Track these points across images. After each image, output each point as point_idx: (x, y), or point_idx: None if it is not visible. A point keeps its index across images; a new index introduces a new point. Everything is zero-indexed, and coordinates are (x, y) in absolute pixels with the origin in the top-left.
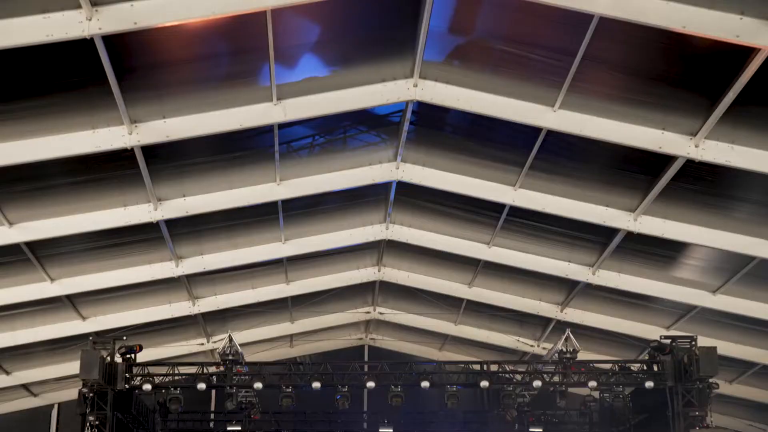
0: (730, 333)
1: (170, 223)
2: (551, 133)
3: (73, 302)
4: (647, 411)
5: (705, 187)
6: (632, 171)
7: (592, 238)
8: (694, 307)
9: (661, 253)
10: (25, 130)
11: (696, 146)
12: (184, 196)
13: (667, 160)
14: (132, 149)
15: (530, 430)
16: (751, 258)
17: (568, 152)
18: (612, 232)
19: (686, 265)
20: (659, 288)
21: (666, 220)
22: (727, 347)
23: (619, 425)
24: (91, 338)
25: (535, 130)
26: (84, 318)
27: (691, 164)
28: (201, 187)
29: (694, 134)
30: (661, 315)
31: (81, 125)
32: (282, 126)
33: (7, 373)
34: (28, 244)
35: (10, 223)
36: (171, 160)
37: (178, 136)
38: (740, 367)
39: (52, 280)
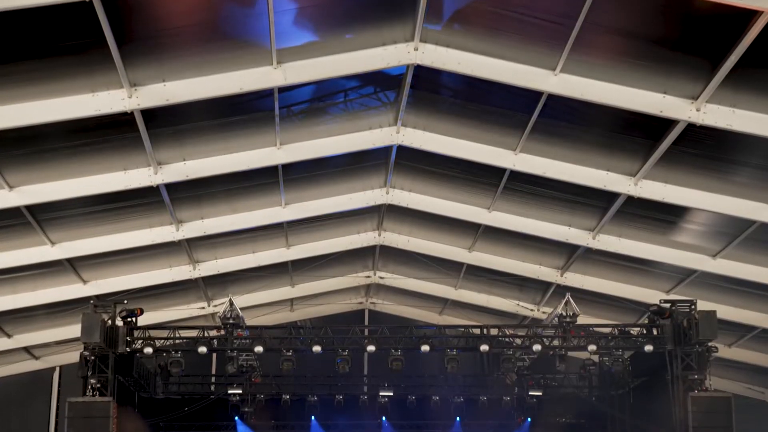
0: (730, 297)
1: (170, 187)
2: (552, 97)
3: (73, 266)
4: (646, 374)
5: (706, 151)
6: (633, 135)
7: (592, 202)
8: (694, 271)
9: (661, 217)
10: (24, 93)
11: (697, 110)
12: (184, 160)
13: (668, 124)
14: (132, 113)
15: (530, 393)
16: (752, 222)
17: (569, 116)
18: (612, 196)
19: (686, 229)
20: (659, 252)
21: (667, 184)
22: (726, 311)
23: (618, 389)
24: (92, 302)
25: (536, 94)
26: (85, 281)
27: (692, 128)
28: (201, 151)
29: (695, 98)
30: (661, 279)
31: (80, 88)
32: (282, 90)
33: (9, 336)
34: (29, 207)
35: (10, 187)
36: (171, 124)
37: (178, 99)
38: (739, 331)
39: (52, 243)
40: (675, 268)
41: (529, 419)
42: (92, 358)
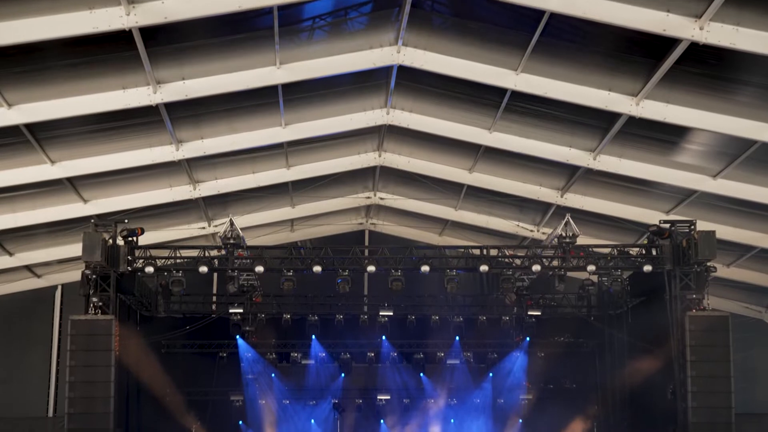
0: (729, 217)
1: (170, 106)
2: (554, 16)
3: (73, 185)
4: (645, 294)
5: (708, 70)
6: (635, 55)
7: (593, 123)
8: (694, 191)
9: (662, 137)
10: (21, 10)
11: (701, 28)
12: (183, 79)
13: (670, 43)
14: (130, 30)
15: (529, 313)
16: (753, 142)
17: (571, 36)
18: (614, 116)
19: (687, 149)
20: (660, 173)
21: (668, 104)
22: (725, 231)
23: (616, 308)
24: (92, 221)
25: (538, 13)
26: (85, 201)
27: (695, 47)
28: (200, 70)
29: (699, 16)
30: (661, 200)
31: (78, 5)
32: (282, 8)
33: (10, 254)
34: (28, 126)
35: (9, 105)
36: (170, 43)
37: (177, 17)
38: (738, 251)
39: (52, 162)
40: (675, 189)
41: (527, 338)
42: (94, 276)
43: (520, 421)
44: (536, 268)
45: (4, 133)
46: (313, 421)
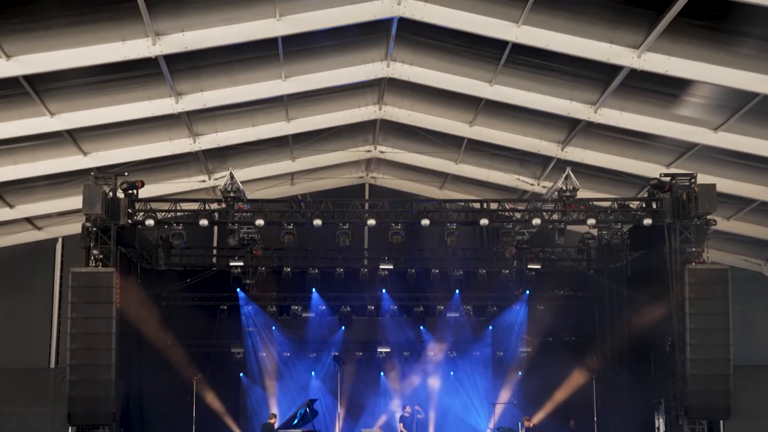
0: (730, 170)
1: (169, 58)
2: None
3: (73, 137)
4: (644, 248)
5: (711, 22)
6: (637, 6)
7: (594, 75)
8: (695, 144)
9: (663, 90)
10: None
11: None
12: (182, 30)
13: None
14: None
15: (528, 266)
16: (754, 94)
17: None
18: (615, 69)
19: (689, 102)
20: (661, 126)
21: (670, 56)
22: (726, 184)
23: (616, 262)
24: (92, 173)
25: None
26: (85, 153)
27: None
28: (200, 22)
29: None
30: (662, 153)
31: None
32: None
33: (11, 206)
34: (27, 77)
35: (8, 56)
36: None
37: None
38: (738, 204)
39: (51, 114)
40: (676, 142)
41: (527, 292)
42: (94, 229)
43: (520, 373)
44: (536, 221)
45: (3, 84)
46: (313, 373)
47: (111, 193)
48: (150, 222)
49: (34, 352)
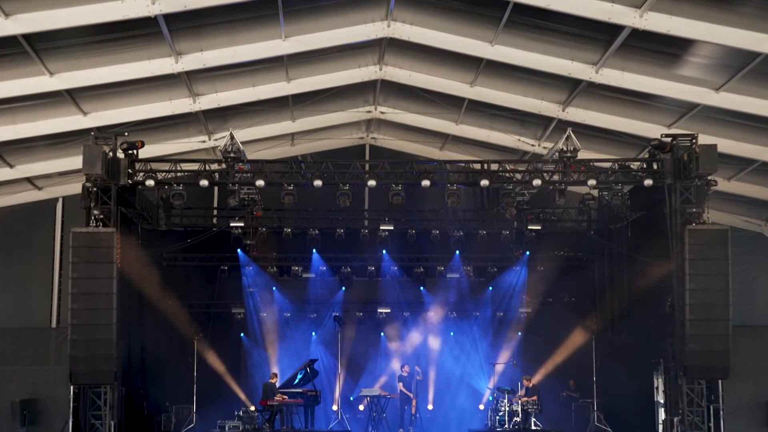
0: (732, 131)
1: (169, 18)
2: None
3: (73, 97)
4: (645, 208)
5: None
6: None
7: (596, 35)
8: (697, 105)
9: (665, 50)
10: None
11: None
12: None
13: None
14: None
15: (529, 227)
16: (757, 54)
17: None
18: (617, 29)
19: (690, 62)
20: (662, 86)
21: (672, 16)
22: (727, 145)
23: (616, 223)
24: (92, 133)
25: None
26: (85, 113)
27: None
28: None
29: None
30: (663, 113)
31: None
32: None
33: (11, 166)
34: (26, 36)
35: (6, 14)
36: None
37: None
38: (739, 164)
39: (51, 74)
40: (677, 102)
41: (527, 253)
42: (94, 189)
43: (520, 334)
44: (537, 182)
45: (1, 43)
46: (314, 333)
47: (111, 153)
48: (150, 182)
49: (36, 311)
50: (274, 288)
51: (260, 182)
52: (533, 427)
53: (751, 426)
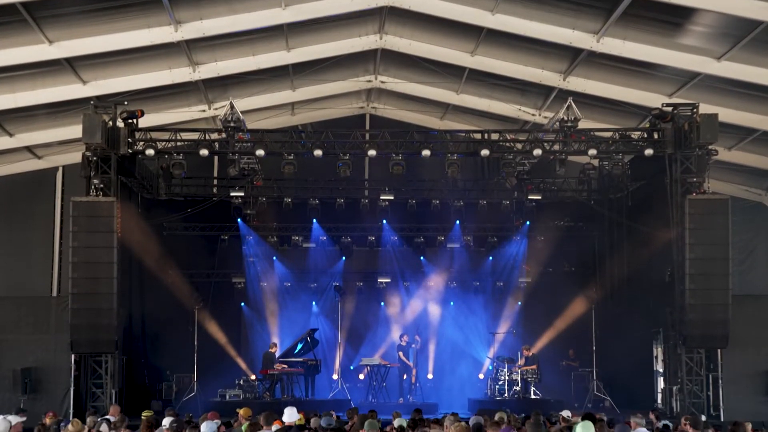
0: (733, 100)
1: None
2: None
3: (72, 65)
4: (645, 178)
5: None
6: None
7: (597, 4)
8: (698, 74)
9: (667, 19)
10: None
11: None
12: None
13: None
14: None
15: (529, 197)
16: (758, 23)
17: None
18: None
19: (692, 31)
20: (664, 55)
21: None
22: (728, 114)
23: (616, 192)
24: (92, 102)
25: None
26: (84, 82)
27: None
28: None
29: None
30: (665, 83)
31: None
32: None
33: (10, 135)
34: (24, 4)
35: None
36: None
37: None
38: (740, 134)
39: (50, 42)
40: (679, 72)
41: (527, 223)
42: (94, 158)
43: (519, 303)
44: (537, 152)
45: (1, 11)
46: (314, 303)
47: (111, 123)
48: (150, 151)
49: (36, 280)
50: (274, 258)
51: (260, 152)
52: (533, 396)
53: (750, 395)
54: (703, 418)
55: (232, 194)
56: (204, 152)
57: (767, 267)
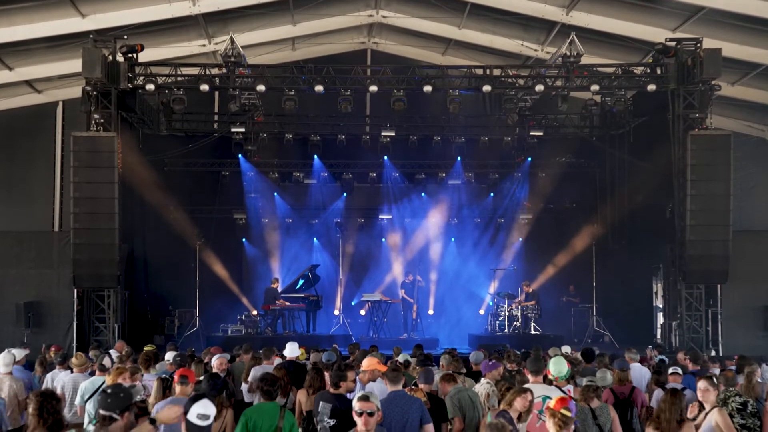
0: (737, 34)
1: None
2: None
3: None
4: (648, 114)
5: None
6: None
7: None
8: (702, 8)
9: None
10: None
11: None
12: None
13: None
14: None
15: (531, 133)
16: None
17: None
18: None
19: None
20: None
21: None
22: (731, 49)
23: (618, 128)
24: (91, 36)
25: None
26: (83, 15)
27: None
28: None
29: None
30: (668, 17)
31: None
32: None
33: (10, 68)
34: None
35: None
36: None
37: None
38: (743, 69)
39: None
40: (682, 6)
41: (529, 159)
42: (94, 93)
43: (520, 240)
44: (539, 88)
45: None
46: (315, 239)
47: (110, 57)
48: (150, 86)
49: (38, 215)
50: (275, 194)
51: (261, 87)
52: (533, 332)
53: (748, 330)
54: (713, 353)
55: (232, 130)
56: (204, 87)
57: (767, 203)
